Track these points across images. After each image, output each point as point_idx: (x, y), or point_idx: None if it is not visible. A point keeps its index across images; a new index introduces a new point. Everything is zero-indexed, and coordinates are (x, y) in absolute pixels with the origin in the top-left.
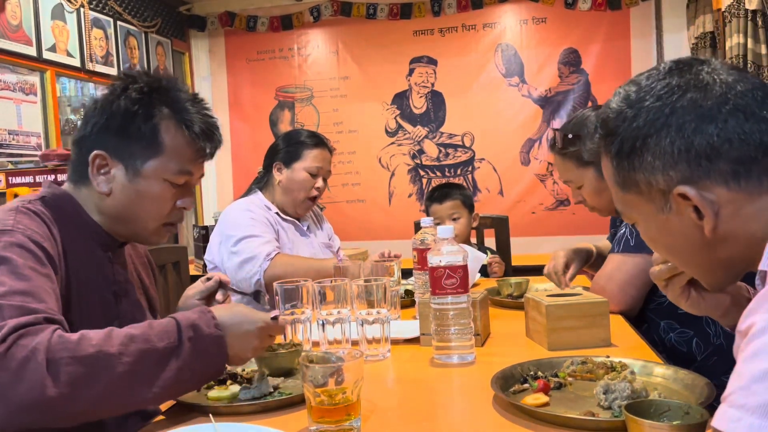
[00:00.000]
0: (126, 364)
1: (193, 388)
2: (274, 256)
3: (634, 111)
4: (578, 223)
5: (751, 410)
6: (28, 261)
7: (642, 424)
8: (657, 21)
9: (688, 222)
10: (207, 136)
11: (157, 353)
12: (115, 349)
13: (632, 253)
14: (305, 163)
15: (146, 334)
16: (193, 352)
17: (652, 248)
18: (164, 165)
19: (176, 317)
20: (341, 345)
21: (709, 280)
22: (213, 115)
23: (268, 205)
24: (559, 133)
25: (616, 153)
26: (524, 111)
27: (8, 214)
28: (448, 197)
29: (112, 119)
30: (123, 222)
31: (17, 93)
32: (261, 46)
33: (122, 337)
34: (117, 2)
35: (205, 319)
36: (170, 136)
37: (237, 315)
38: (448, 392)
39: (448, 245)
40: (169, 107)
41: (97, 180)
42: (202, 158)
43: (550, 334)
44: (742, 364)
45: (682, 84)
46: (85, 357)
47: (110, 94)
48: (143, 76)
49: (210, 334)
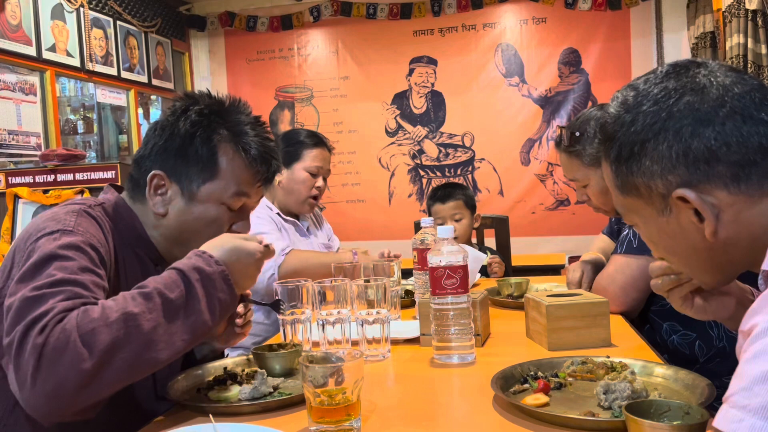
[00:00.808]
0: (151, 320)
1: (216, 325)
2: (288, 252)
3: (632, 116)
4: (578, 223)
5: (753, 411)
6: (83, 261)
7: (642, 425)
8: (657, 21)
9: (688, 225)
10: (264, 160)
11: (174, 303)
12: (138, 308)
13: (635, 254)
14: (305, 163)
15: (157, 288)
16: (205, 293)
17: (653, 251)
18: (221, 188)
19: (175, 266)
20: (341, 345)
21: (708, 280)
22: (272, 139)
23: (270, 206)
24: (566, 131)
25: (615, 158)
26: (524, 111)
27: (71, 216)
28: (450, 197)
29: (171, 140)
30: (177, 244)
31: (17, 93)
32: (261, 46)
33: (138, 297)
34: (117, 2)
35: (204, 259)
36: (227, 159)
37: (232, 249)
38: (448, 392)
39: (448, 245)
40: (228, 130)
41: (154, 200)
42: (259, 182)
43: (551, 334)
44: (745, 364)
45: (679, 87)
46: (113, 322)
47: (171, 115)
48: (205, 98)
49: (214, 271)
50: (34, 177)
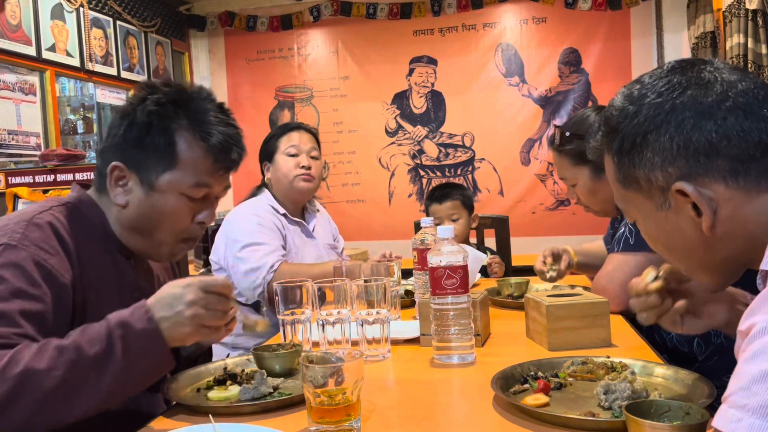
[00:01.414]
0: (55, 378)
1: (142, 387)
2: (277, 267)
3: (636, 107)
4: (578, 223)
5: (752, 411)
6: (17, 282)
7: (642, 425)
8: (657, 21)
9: (686, 219)
10: (224, 148)
11: (88, 360)
12: (44, 364)
13: (632, 251)
14: (281, 149)
15: (76, 342)
16: (126, 353)
17: (652, 247)
18: (179, 178)
19: (108, 317)
20: (341, 345)
21: (708, 280)
22: (236, 126)
23: (276, 207)
24: (559, 130)
25: (617, 150)
26: (524, 111)
27: (19, 226)
28: (448, 197)
29: (129, 131)
30: (139, 235)
31: (17, 93)
32: (261, 46)
33: (52, 350)
34: (116, 2)
35: (138, 314)
36: (186, 148)
37: (167, 297)
38: (449, 392)
39: (448, 245)
40: (187, 118)
41: (115, 192)
42: (222, 171)
43: (551, 334)
44: (743, 364)
45: (684, 81)
46: (12, 376)
47: (129, 105)
48: (163, 87)
49: (143, 329)
50: (34, 177)
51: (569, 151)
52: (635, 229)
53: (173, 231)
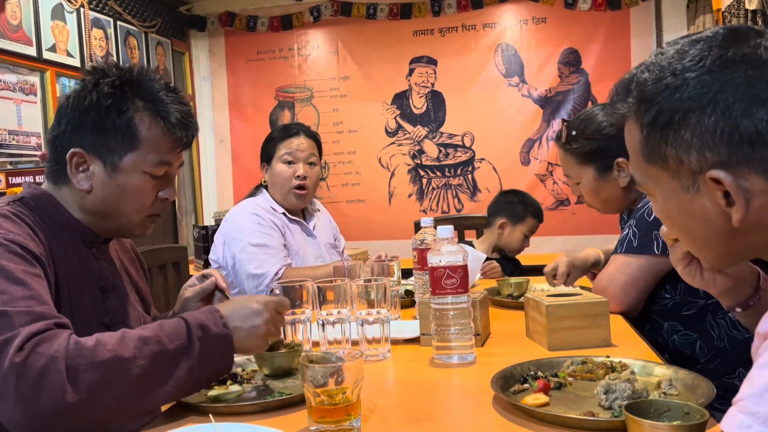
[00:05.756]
0: (141, 367)
1: (204, 386)
2: (281, 275)
3: (678, 81)
4: (578, 223)
5: (762, 419)
6: (19, 264)
7: (642, 424)
8: (657, 21)
9: (713, 207)
10: (183, 125)
11: (169, 354)
12: (130, 353)
13: (635, 254)
14: (278, 155)
15: (158, 335)
16: (203, 352)
17: (666, 225)
18: (142, 157)
19: (185, 317)
20: (341, 345)
21: (713, 263)
22: (187, 103)
23: (275, 207)
24: (566, 127)
25: (649, 122)
26: (524, 111)
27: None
28: None
29: (85, 115)
30: (107, 217)
31: (17, 93)
32: (261, 46)
33: (135, 340)
34: (117, 2)
35: (213, 319)
36: (146, 128)
37: (243, 310)
38: (448, 392)
39: (448, 245)
40: (142, 99)
41: (77, 178)
42: (180, 148)
43: (550, 334)
44: (758, 370)
45: (738, 58)
46: (103, 363)
47: (82, 90)
48: (113, 69)
49: (219, 333)
50: (34, 177)
51: (575, 150)
52: (638, 231)
53: (140, 209)
